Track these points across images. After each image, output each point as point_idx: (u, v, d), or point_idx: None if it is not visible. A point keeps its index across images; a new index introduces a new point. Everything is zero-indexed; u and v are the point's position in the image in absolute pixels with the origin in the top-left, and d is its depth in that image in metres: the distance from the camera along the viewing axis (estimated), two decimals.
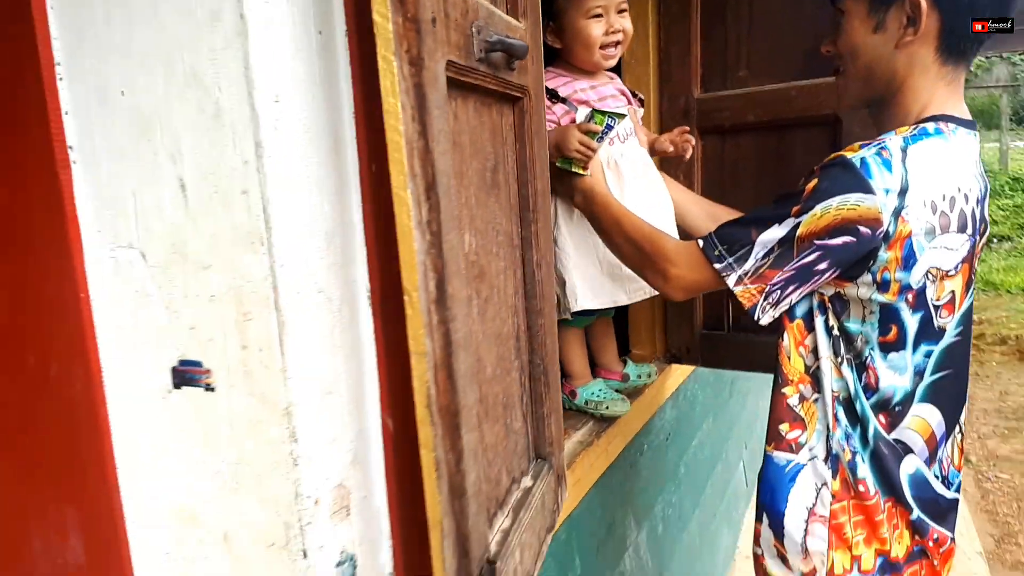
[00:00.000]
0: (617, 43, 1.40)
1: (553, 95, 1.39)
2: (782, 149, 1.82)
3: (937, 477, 1.16)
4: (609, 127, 1.25)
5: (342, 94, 0.74)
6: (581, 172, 1.31)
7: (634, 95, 1.52)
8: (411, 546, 0.84)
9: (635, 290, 1.43)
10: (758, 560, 1.26)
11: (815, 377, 1.17)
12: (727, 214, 1.46)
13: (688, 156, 1.51)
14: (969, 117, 1.11)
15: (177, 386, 0.73)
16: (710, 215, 1.50)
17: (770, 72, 1.79)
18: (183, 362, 0.72)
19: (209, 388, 0.72)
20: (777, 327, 1.19)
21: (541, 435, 1.00)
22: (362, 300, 0.77)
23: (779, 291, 1.08)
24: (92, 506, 0.78)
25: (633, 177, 1.40)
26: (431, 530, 0.68)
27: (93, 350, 0.75)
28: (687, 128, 1.50)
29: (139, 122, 0.69)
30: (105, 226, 0.72)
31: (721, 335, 1.90)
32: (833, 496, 1.15)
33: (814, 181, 1.05)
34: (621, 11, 1.39)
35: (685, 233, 1.50)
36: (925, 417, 1.13)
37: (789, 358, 1.18)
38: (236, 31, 0.64)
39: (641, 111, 1.54)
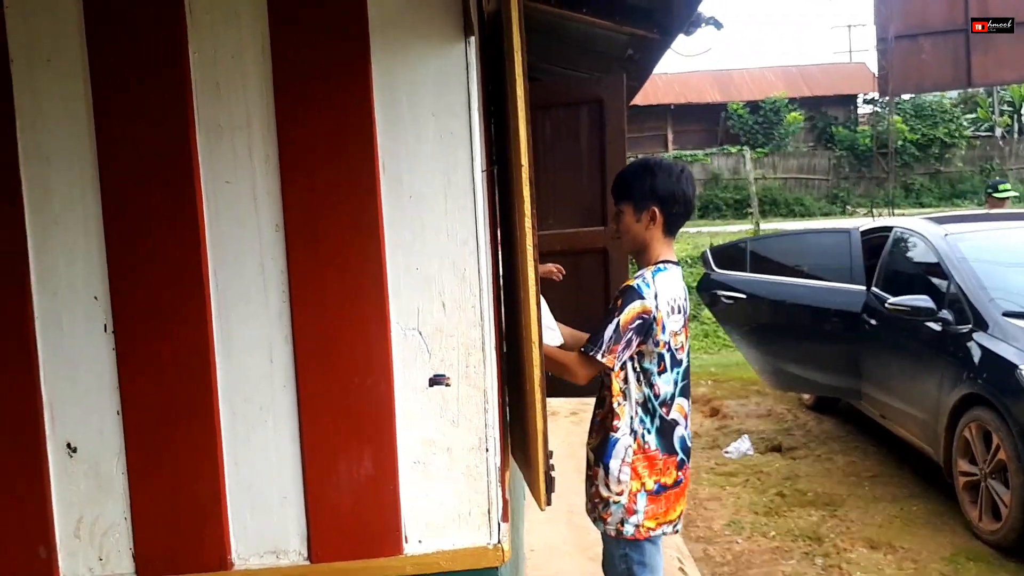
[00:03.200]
0: None
1: None
2: (574, 266, 3.28)
3: (688, 436, 2.57)
4: None
5: (487, 274, 1.97)
6: None
7: None
8: (504, 448, 2.04)
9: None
10: (595, 488, 2.55)
11: (624, 392, 2.49)
12: (579, 333, 2.74)
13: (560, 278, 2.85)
14: (676, 260, 2.60)
15: (431, 385, 1.88)
16: (571, 334, 2.76)
17: (566, 222, 3.26)
18: (436, 375, 1.88)
19: (447, 385, 1.88)
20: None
21: None
22: (491, 344, 1.98)
23: (621, 354, 2.40)
24: (380, 444, 1.88)
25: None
26: (538, 436, 1.92)
27: (391, 372, 1.87)
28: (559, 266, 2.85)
29: (424, 279, 1.87)
30: (403, 320, 1.87)
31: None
32: (633, 453, 2.47)
33: (619, 299, 2.42)
34: None
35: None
36: (682, 404, 2.54)
37: (613, 383, 2.51)
38: (473, 247, 1.86)
39: None
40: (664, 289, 2.38)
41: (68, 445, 1.87)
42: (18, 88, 1.79)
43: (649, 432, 2.42)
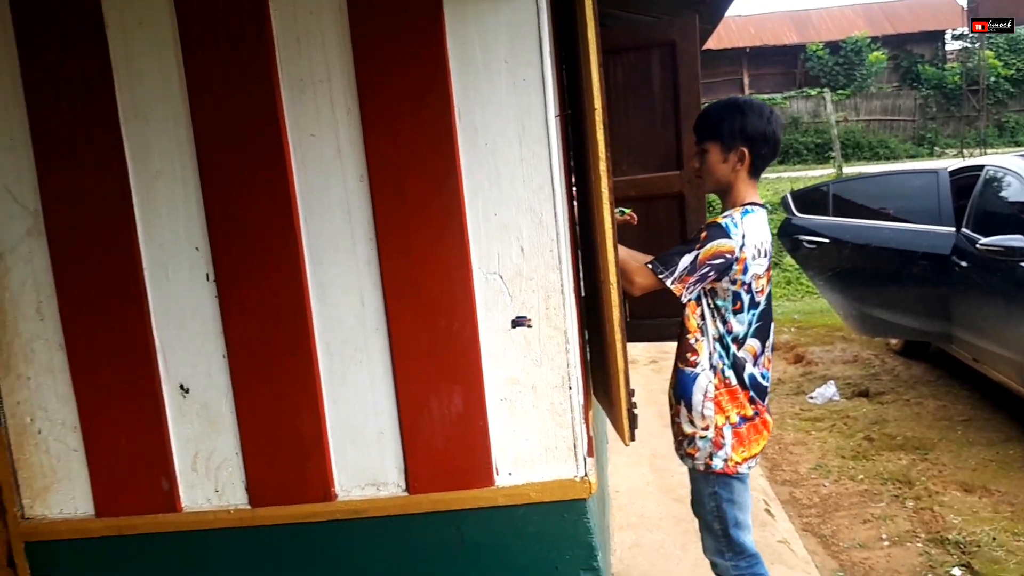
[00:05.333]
0: None
1: None
2: (648, 212, 3.24)
3: (761, 375, 2.55)
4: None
5: (563, 218, 1.98)
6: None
7: None
8: (586, 387, 2.07)
9: None
10: (678, 425, 2.57)
11: (701, 328, 2.49)
12: (640, 255, 2.76)
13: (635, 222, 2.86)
14: (762, 203, 2.55)
15: (513, 327, 1.92)
16: (631, 255, 2.79)
17: (640, 167, 3.22)
18: (518, 317, 1.92)
19: (529, 327, 1.92)
20: (678, 310, 2.52)
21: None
22: (569, 287, 1.99)
23: (692, 287, 2.41)
24: (468, 383, 1.94)
25: None
26: (619, 374, 1.94)
27: (474, 314, 1.91)
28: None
29: (502, 224, 1.90)
30: (483, 265, 1.91)
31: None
32: (715, 388, 2.48)
33: (704, 233, 2.40)
34: None
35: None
36: (753, 345, 2.52)
37: (689, 319, 2.51)
38: (549, 192, 1.88)
39: None
40: (751, 231, 2.36)
41: (181, 387, 2.00)
42: (114, 51, 1.89)
43: (728, 367, 2.42)
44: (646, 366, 6.58)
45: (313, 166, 1.92)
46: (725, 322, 2.41)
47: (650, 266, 2.34)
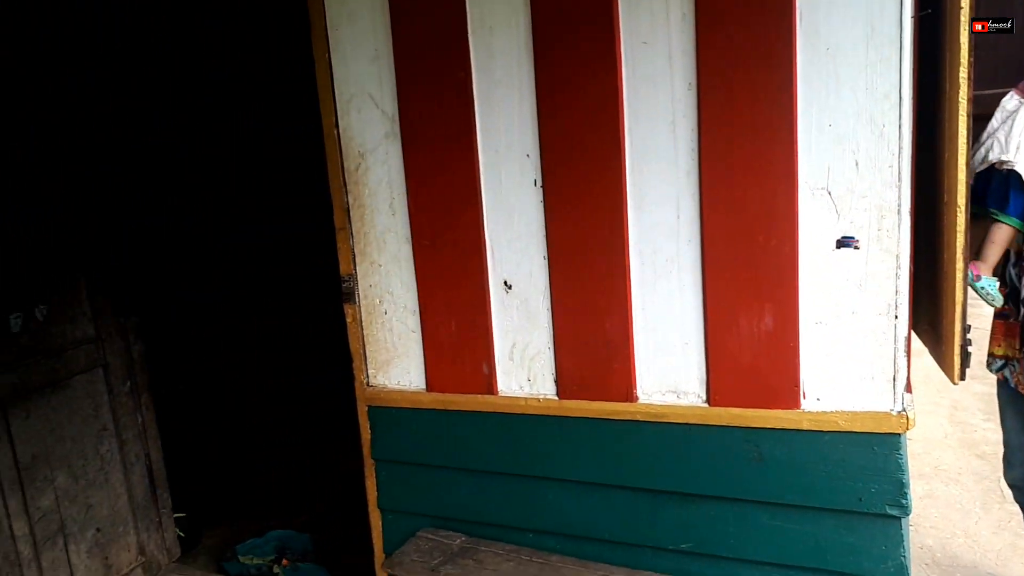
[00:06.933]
0: None
1: None
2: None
3: None
4: None
5: (908, 131, 1.79)
6: None
7: None
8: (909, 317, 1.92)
9: None
10: None
11: None
12: None
13: None
14: None
15: (838, 248, 1.81)
16: None
17: (984, 82, 2.81)
18: (844, 237, 1.80)
19: (856, 248, 1.80)
20: None
21: None
22: (906, 207, 1.82)
23: None
24: (781, 301, 1.87)
25: None
26: (956, 307, 1.75)
27: (795, 232, 1.83)
28: None
29: (836, 136, 1.77)
30: (811, 180, 1.80)
31: None
32: None
33: None
34: None
35: None
36: None
37: None
38: (895, 101, 1.71)
39: None
40: None
41: (505, 283, 2.17)
42: None
43: None
44: None
45: (642, 74, 1.92)
46: None
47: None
